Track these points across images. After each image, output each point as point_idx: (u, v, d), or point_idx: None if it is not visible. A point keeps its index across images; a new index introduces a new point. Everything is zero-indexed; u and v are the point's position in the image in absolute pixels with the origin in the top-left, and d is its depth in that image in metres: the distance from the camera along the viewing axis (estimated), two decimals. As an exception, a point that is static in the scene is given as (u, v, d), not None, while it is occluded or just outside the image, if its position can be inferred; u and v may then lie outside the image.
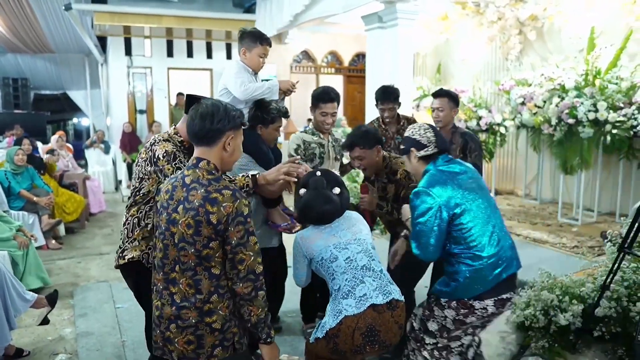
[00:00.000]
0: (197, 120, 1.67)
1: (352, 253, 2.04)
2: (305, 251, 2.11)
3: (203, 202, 1.62)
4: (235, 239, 1.63)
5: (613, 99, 4.83)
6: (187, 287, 1.67)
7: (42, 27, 9.00)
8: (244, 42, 2.71)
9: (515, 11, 6.44)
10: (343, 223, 2.15)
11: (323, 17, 7.13)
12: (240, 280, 1.66)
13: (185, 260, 1.66)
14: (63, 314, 3.50)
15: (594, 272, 3.20)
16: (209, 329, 1.69)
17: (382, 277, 2.04)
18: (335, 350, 1.95)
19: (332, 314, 1.97)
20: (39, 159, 5.84)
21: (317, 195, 2.12)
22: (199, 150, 1.72)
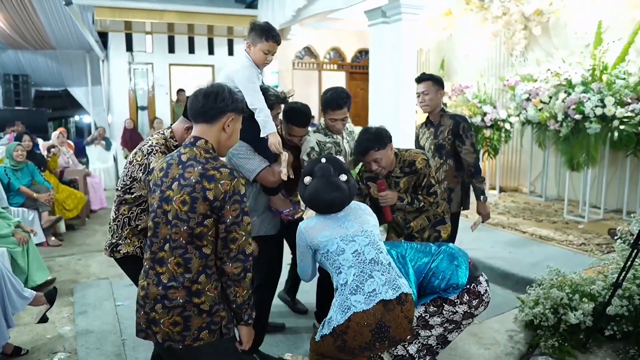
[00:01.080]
0: (201, 98, 1.69)
1: (359, 246, 1.97)
2: (310, 241, 2.04)
3: (200, 178, 1.61)
4: (230, 218, 1.62)
5: (621, 94, 4.75)
6: (176, 266, 1.64)
7: (43, 23, 8.94)
8: (251, 35, 2.62)
9: (520, 6, 6.36)
10: (350, 213, 2.09)
11: (326, 13, 7.05)
12: (231, 260, 1.65)
13: (177, 237, 1.63)
14: (62, 312, 3.45)
15: (604, 269, 3.13)
16: (197, 310, 1.64)
17: (391, 270, 1.96)
18: (343, 348, 1.88)
19: (339, 310, 1.88)
20: (40, 156, 5.80)
21: (325, 183, 2.05)
22: (197, 128, 1.73)
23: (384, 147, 2.52)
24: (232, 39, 9.48)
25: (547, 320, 2.85)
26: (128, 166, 2.19)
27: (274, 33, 2.58)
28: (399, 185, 2.65)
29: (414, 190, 2.65)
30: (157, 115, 9.15)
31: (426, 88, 3.19)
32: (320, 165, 2.12)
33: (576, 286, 2.94)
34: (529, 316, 2.93)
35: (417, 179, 2.62)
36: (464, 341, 2.96)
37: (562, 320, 2.82)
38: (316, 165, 2.14)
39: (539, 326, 2.90)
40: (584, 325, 2.78)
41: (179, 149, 1.74)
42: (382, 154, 2.51)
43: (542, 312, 2.86)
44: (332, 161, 2.17)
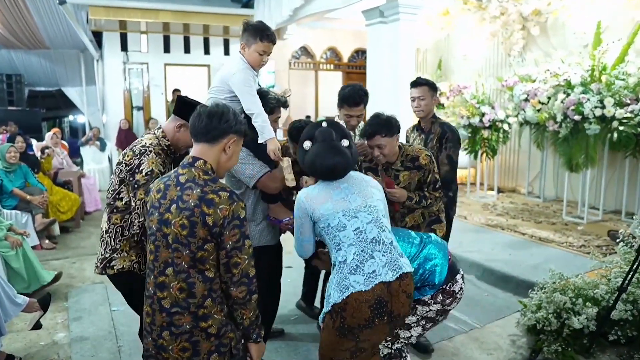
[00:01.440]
0: (204, 117, 1.66)
1: (361, 223, 1.89)
2: (310, 212, 1.95)
3: (199, 202, 1.58)
4: (230, 243, 1.59)
5: (620, 95, 4.73)
6: (179, 291, 1.61)
7: (36, 22, 8.83)
8: (244, 35, 2.52)
9: (518, 6, 6.33)
10: (353, 185, 1.99)
11: (323, 12, 7.01)
12: (234, 285, 1.63)
13: (179, 262, 1.60)
14: (57, 317, 3.38)
15: (607, 272, 3.10)
16: (205, 334, 1.62)
17: (392, 250, 1.91)
18: (342, 328, 1.82)
19: (337, 288, 1.84)
20: (33, 157, 5.71)
21: (327, 148, 1.96)
22: (197, 148, 1.69)
23: (391, 135, 2.49)
24: (228, 39, 9.41)
25: (550, 324, 2.81)
26: (116, 168, 2.09)
27: (268, 32, 2.48)
28: (398, 178, 2.62)
29: (419, 187, 2.63)
30: (153, 115, 9.06)
31: (422, 93, 3.14)
32: (321, 130, 2.02)
33: (579, 290, 2.91)
34: (532, 321, 2.89)
35: (422, 175, 2.60)
36: (466, 346, 2.92)
37: (566, 324, 2.78)
38: (317, 129, 2.04)
39: (542, 331, 2.86)
40: (587, 330, 2.74)
41: (177, 170, 1.70)
42: (387, 141, 2.48)
43: (545, 317, 2.83)
44: (334, 125, 2.07)
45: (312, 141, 2.02)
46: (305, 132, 2.08)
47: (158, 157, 2.04)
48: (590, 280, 3.00)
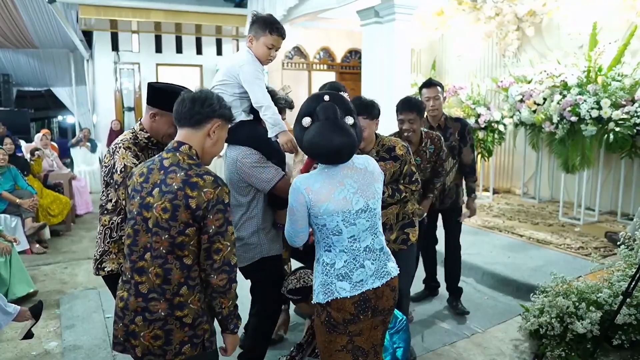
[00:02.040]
0: (188, 102, 1.65)
1: (358, 231, 1.79)
2: (309, 205, 1.77)
3: (183, 185, 1.56)
4: (213, 227, 1.57)
5: (616, 96, 4.72)
6: (155, 277, 1.58)
7: (25, 21, 8.68)
8: (253, 28, 2.40)
9: (513, 7, 6.32)
10: (358, 181, 1.81)
11: (317, 12, 6.95)
12: (215, 272, 1.60)
13: (157, 247, 1.57)
14: (49, 326, 3.29)
15: (608, 275, 3.07)
16: (179, 323, 1.59)
17: (382, 256, 1.85)
18: (329, 323, 1.79)
19: (322, 289, 1.78)
20: (23, 159, 5.58)
21: (331, 127, 1.72)
22: (182, 132, 1.68)
23: (371, 119, 2.36)
24: (220, 39, 9.31)
25: (553, 329, 2.79)
26: (101, 172, 2.08)
27: (278, 25, 2.40)
28: None
29: (394, 180, 2.48)
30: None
31: (436, 93, 3.24)
32: (324, 105, 1.76)
33: (582, 294, 2.88)
34: (535, 325, 2.86)
35: (398, 167, 2.44)
36: (469, 352, 2.88)
37: (569, 329, 2.75)
38: (318, 104, 1.78)
39: (545, 335, 2.83)
40: (591, 334, 2.72)
41: (161, 154, 1.67)
42: (366, 124, 2.32)
43: (548, 321, 2.80)
44: (337, 99, 1.81)
45: (313, 118, 1.76)
46: (305, 106, 1.82)
47: (128, 151, 1.98)
48: (593, 283, 2.97)
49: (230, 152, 2.40)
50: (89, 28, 8.55)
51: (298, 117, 1.82)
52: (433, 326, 3.22)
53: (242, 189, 2.37)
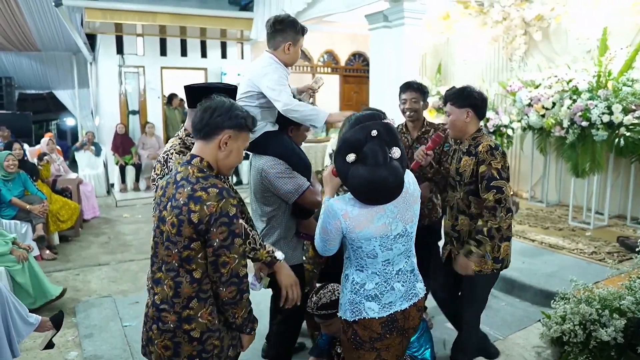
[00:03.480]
0: (199, 112, 1.64)
1: (393, 255, 1.77)
2: (345, 232, 1.72)
3: (187, 200, 1.55)
4: (217, 241, 1.54)
5: (627, 101, 4.74)
6: (168, 289, 1.61)
7: (29, 24, 8.64)
8: (287, 34, 2.27)
9: (520, 11, 6.34)
10: (400, 204, 1.74)
11: (325, 16, 6.95)
12: (224, 285, 1.58)
13: (170, 260, 1.59)
14: (67, 335, 3.26)
15: (628, 281, 3.08)
16: (187, 337, 1.60)
17: (412, 278, 1.86)
18: (356, 341, 1.80)
19: (350, 307, 1.79)
20: (32, 164, 5.55)
21: (382, 173, 1.63)
22: (197, 145, 1.67)
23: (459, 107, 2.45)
24: (225, 42, 9.29)
25: (576, 336, 2.78)
26: (152, 185, 2.05)
27: (304, 26, 2.39)
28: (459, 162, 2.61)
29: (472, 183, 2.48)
30: (149, 119, 8.91)
31: (414, 96, 3.02)
32: (374, 147, 1.64)
33: (604, 301, 2.88)
34: (557, 332, 2.86)
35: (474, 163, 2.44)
36: None
37: (592, 336, 2.75)
38: (367, 141, 1.65)
39: (567, 342, 2.83)
40: (614, 342, 2.72)
41: (177, 167, 1.68)
42: (451, 110, 2.47)
43: (571, 329, 2.80)
44: (385, 132, 1.67)
45: (359, 155, 1.66)
46: (350, 137, 1.68)
47: (181, 155, 1.99)
48: (614, 290, 2.98)
49: (256, 162, 2.39)
50: (94, 31, 8.52)
51: (341, 146, 1.70)
52: (454, 333, 3.21)
53: (267, 199, 2.36)
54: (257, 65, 2.41)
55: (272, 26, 2.33)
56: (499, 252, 2.44)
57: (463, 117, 2.41)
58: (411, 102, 3.02)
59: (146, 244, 5.42)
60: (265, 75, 2.28)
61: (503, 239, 2.42)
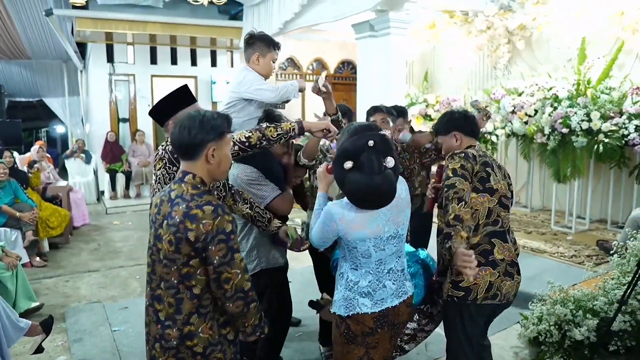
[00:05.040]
0: (175, 134, 1.61)
1: (385, 255, 1.88)
2: (341, 234, 1.85)
3: (183, 218, 1.54)
4: (217, 258, 1.54)
5: (605, 109, 4.90)
6: (169, 306, 1.61)
7: (19, 33, 8.68)
8: (256, 47, 2.54)
9: (504, 20, 6.51)
10: (393, 208, 1.86)
11: (312, 25, 7.07)
12: (229, 300, 1.59)
13: (169, 278, 1.59)
14: (56, 339, 3.30)
15: (602, 283, 3.19)
16: (191, 352, 1.61)
17: (402, 276, 1.97)
18: (347, 335, 1.90)
19: (344, 303, 1.89)
20: (22, 172, 5.58)
21: (377, 180, 1.75)
22: (184, 163, 1.65)
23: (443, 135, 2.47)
24: (215, 51, 9.38)
25: (551, 336, 2.89)
26: None
27: (277, 41, 2.61)
28: None
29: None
30: (139, 127, 8.96)
31: (382, 117, 3.15)
32: (370, 156, 1.76)
33: (579, 302, 2.99)
34: (534, 333, 2.97)
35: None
36: None
37: (567, 336, 2.86)
38: (363, 150, 1.77)
39: (544, 342, 2.93)
40: (588, 340, 2.82)
41: (170, 185, 1.67)
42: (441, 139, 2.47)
43: (547, 329, 2.90)
44: (380, 142, 1.79)
45: (355, 163, 1.78)
46: (348, 146, 1.80)
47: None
48: (589, 291, 3.09)
49: (232, 170, 2.49)
50: (84, 40, 8.57)
51: (340, 154, 1.81)
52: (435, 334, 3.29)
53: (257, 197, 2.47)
54: (234, 78, 2.64)
55: (246, 42, 2.59)
56: (461, 277, 2.04)
57: (453, 142, 2.31)
58: (380, 124, 3.14)
59: (136, 251, 5.47)
60: (241, 82, 2.51)
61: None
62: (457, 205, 1.99)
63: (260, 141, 2.14)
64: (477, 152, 2.20)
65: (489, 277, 2.05)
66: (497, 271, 2.07)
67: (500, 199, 2.14)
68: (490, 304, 2.09)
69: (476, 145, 2.28)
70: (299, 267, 4.09)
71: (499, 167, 2.25)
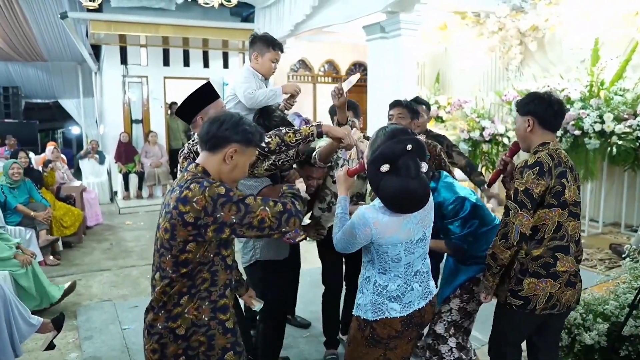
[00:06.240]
0: (207, 124, 1.64)
1: (413, 258, 1.89)
2: (374, 239, 1.83)
3: (176, 203, 1.52)
4: (234, 217, 1.53)
5: (618, 111, 4.83)
6: (162, 295, 1.59)
7: (35, 35, 8.84)
8: (256, 46, 2.67)
9: (516, 22, 6.45)
10: (421, 212, 1.86)
11: (323, 27, 7.09)
12: (283, 227, 1.62)
13: (164, 267, 1.58)
14: (67, 337, 3.36)
15: (614, 287, 3.15)
16: (172, 335, 1.59)
17: (427, 277, 2.00)
18: (373, 339, 1.89)
19: (372, 307, 1.89)
20: (38, 172, 5.69)
21: (414, 186, 1.75)
22: (202, 155, 1.66)
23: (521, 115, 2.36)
24: (227, 52, 9.46)
25: (561, 340, 2.86)
26: None
27: (277, 42, 2.70)
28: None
29: None
30: (152, 128, 9.06)
31: (401, 112, 3.07)
32: (408, 161, 1.76)
33: (589, 306, 2.96)
34: (543, 336, 2.93)
35: None
36: (478, 363, 2.94)
37: (577, 340, 2.82)
38: (402, 154, 1.76)
39: (553, 346, 2.90)
40: (598, 345, 2.79)
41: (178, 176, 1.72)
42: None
43: (557, 333, 2.87)
44: (418, 148, 1.79)
45: (392, 166, 1.77)
46: (385, 148, 1.79)
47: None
48: (599, 295, 3.05)
49: None
50: (99, 42, 8.70)
51: (377, 157, 1.79)
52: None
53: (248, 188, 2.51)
54: (237, 74, 2.83)
55: (249, 42, 2.71)
56: (520, 287, 2.08)
57: (525, 126, 2.14)
58: (397, 118, 3.13)
59: (147, 251, 5.54)
60: (237, 82, 2.65)
61: (525, 272, 2.08)
62: (499, 241, 2.06)
63: (280, 147, 2.15)
64: (553, 159, 2.03)
65: (549, 289, 2.06)
66: (558, 283, 2.06)
67: (569, 209, 2.07)
68: (548, 313, 2.10)
69: (550, 143, 2.09)
70: (308, 268, 4.09)
71: (570, 170, 2.10)
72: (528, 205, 1.99)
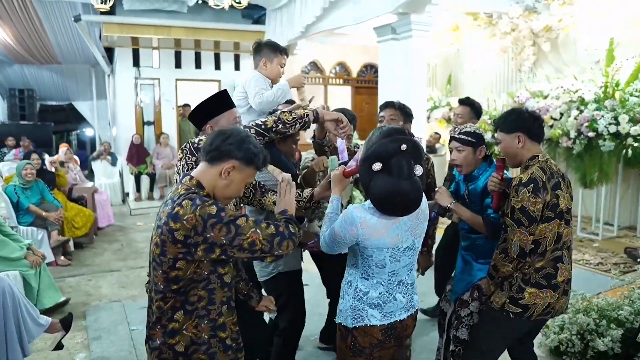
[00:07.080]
0: (213, 135, 1.62)
1: (399, 267, 1.83)
2: (361, 239, 1.77)
3: (167, 219, 1.49)
4: (223, 238, 1.49)
5: (634, 112, 4.74)
6: (157, 309, 1.58)
7: (50, 38, 8.98)
8: (263, 53, 2.69)
9: (529, 22, 6.38)
10: (413, 218, 1.81)
11: (334, 29, 7.08)
12: (271, 250, 1.56)
13: (157, 281, 1.56)
14: (76, 337, 3.38)
15: (628, 292, 3.08)
16: (172, 352, 1.56)
17: (410, 290, 1.92)
18: (355, 348, 1.85)
19: (352, 314, 1.84)
20: (50, 174, 5.75)
21: (407, 186, 1.69)
22: (200, 166, 1.63)
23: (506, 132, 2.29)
24: (238, 54, 9.50)
25: (573, 346, 2.80)
26: None
27: (283, 47, 2.77)
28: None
29: None
30: (164, 130, 9.13)
31: (392, 113, 3.09)
32: (400, 161, 1.70)
33: (602, 311, 2.89)
34: (555, 342, 2.88)
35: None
36: (489, 368, 2.89)
37: (590, 346, 2.76)
38: (395, 153, 1.71)
39: (565, 352, 2.84)
40: (612, 352, 2.72)
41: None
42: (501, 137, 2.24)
43: (569, 338, 2.81)
44: (413, 148, 1.73)
45: (384, 165, 1.71)
46: (379, 147, 1.74)
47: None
48: (613, 300, 2.98)
49: None
50: (111, 45, 8.81)
51: (369, 155, 1.75)
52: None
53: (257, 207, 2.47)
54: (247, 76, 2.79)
55: (254, 50, 2.74)
56: (521, 295, 2.06)
57: (515, 143, 2.10)
58: (389, 120, 3.10)
59: (157, 251, 5.55)
60: (248, 84, 2.67)
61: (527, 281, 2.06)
62: (500, 255, 2.08)
63: (276, 124, 2.13)
64: (546, 173, 2.00)
65: (549, 299, 2.06)
66: (557, 293, 2.08)
67: (564, 217, 2.04)
68: (541, 319, 2.13)
69: (539, 155, 2.07)
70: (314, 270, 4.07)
71: (562, 179, 2.08)
72: (525, 222, 1.98)
